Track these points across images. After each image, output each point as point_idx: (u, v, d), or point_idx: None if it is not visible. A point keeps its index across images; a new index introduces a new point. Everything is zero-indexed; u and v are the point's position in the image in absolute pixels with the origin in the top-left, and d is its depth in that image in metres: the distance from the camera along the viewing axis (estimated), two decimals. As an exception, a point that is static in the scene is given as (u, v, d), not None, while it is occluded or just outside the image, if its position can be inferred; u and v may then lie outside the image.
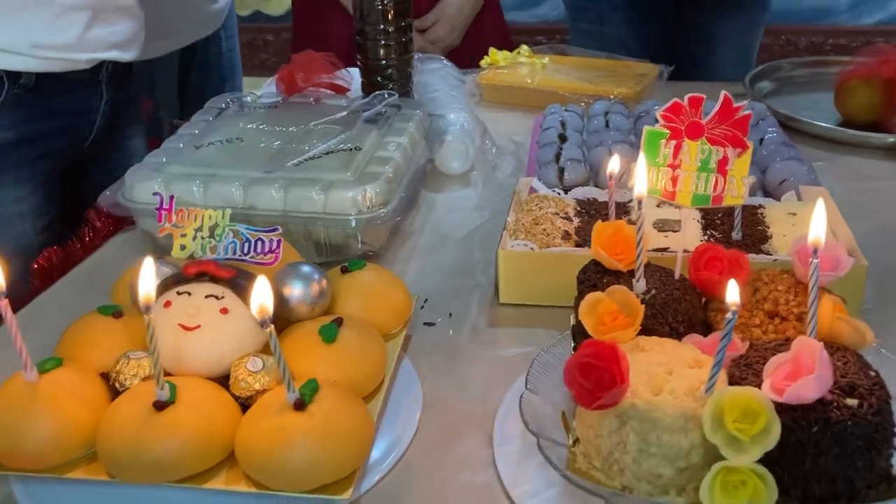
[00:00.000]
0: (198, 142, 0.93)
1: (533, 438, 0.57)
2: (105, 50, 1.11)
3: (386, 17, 1.10)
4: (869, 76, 1.16)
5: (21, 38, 1.04)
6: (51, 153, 1.12)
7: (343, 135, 0.92)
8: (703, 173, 0.60)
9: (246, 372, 0.58)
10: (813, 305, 0.51)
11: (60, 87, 1.08)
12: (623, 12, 1.59)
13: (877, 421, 0.48)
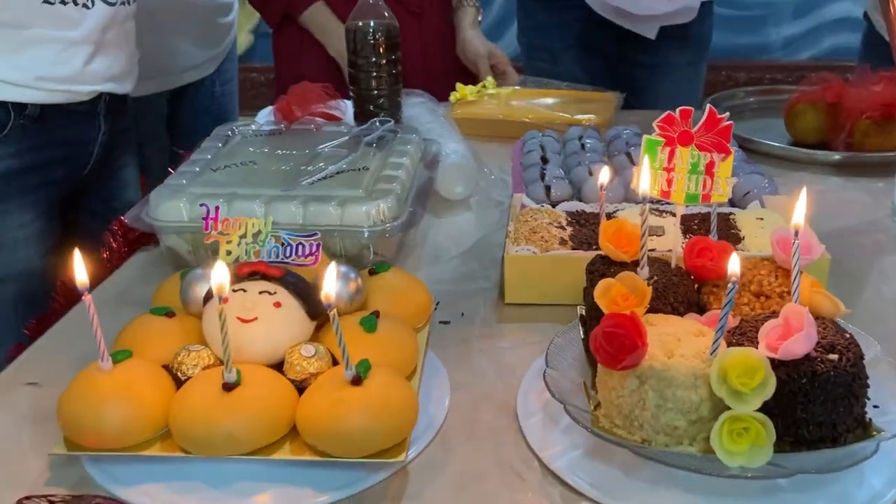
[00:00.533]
0: (213, 165, 0.99)
1: (554, 410, 0.65)
2: (103, 82, 1.18)
3: (377, 51, 1.19)
4: (815, 101, 1.29)
5: (28, 72, 1.11)
6: (52, 181, 1.18)
7: (349, 157, 1.00)
8: (694, 175, 0.70)
9: (300, 357, 0.65)
10: (796, 280, 0.60)
11: (62, 118, 1.15)
12: (574, 51, 1.71)
13: (854, 371, 0.57)
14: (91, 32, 1.14)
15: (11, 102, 1.09)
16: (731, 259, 0.57)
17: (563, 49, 1.78)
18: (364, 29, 1.18)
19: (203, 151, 1.05)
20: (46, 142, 1.15)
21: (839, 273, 0.90)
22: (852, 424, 0.59)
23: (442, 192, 1.11)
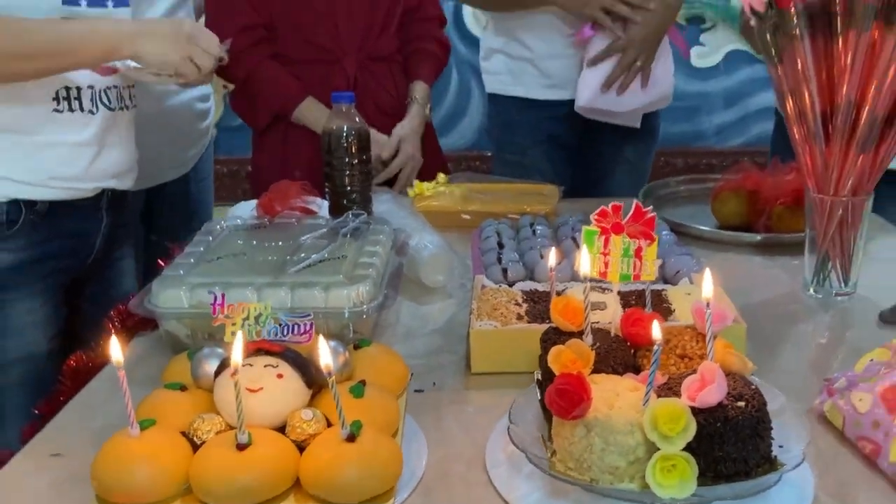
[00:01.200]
0: (207, 257, 1.11)
1: (518, 459, 0.77)
2: (106, 179, 1.31)
3: (350, 152, 1.34)
4: (736, 189, 1.46)
5: (39, 173, 1.24)
6: (59, 270, 1.29)
7: (329, 247, 1.13)
8: (626, 258, 0.84)
9: (301, 420, 0.76)
10: (710, 342, 0.74)
11: (68, 213, 1.28)
12: (543, 145, 1.88)
13: (758, 416, 0.71)
14: (95, 135, 1.28)
15: (23, 200, 1.22)
16: (654, 327, 0.70)
17: (532, 145, 1.92)
18: (338, 133, 1.33)
19: (196, 244, 1.17)
20: (54, 235, 1.27)
21: (759, 338, 1.05)
22: (760, 460, 0.72)
23: (424, 281, 1.24)
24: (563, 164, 1.88)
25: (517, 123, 1.89)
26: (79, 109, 1.26)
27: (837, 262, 1.16)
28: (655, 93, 1.77)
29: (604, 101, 1.74)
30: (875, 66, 1.04)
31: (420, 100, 1.75)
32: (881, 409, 0.78)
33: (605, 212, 0.84)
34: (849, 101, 1.06)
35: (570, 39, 1.75)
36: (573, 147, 1.90)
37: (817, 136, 1.10)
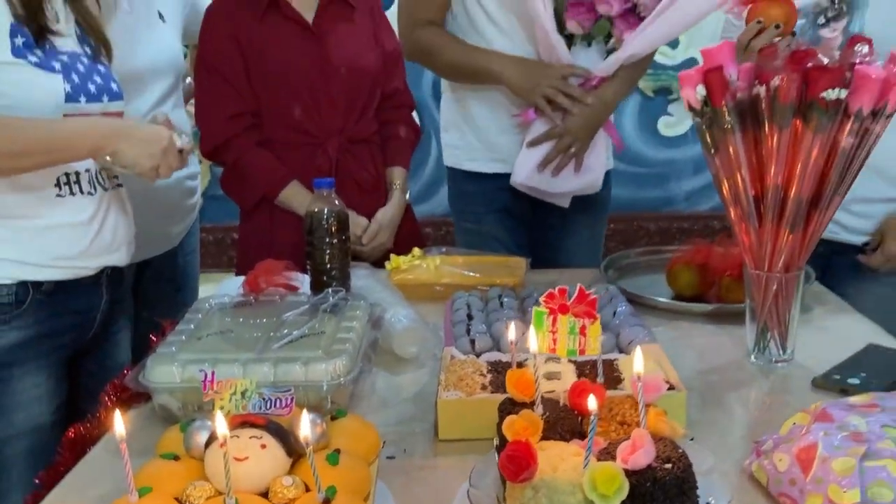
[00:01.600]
0: (197, 334, 1.21)
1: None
2: (107, 255, 1.41)
3: (330, 233, 1.45)
4: (689, 262, 1.58)
5: (44, 254, 1.35)
6: (62, 345, 1.39)
7: (309, 323, 1.24)
8: (572, 335, 0.95)
9: (282, 486, 0.85)
10: (642, 411, 0.84)
11: (72, 291, 1.38)
12: (497, 215, 2.01)
13: (684, 476, 0.81)
14: (95, 214, 1.40)
15: (31, 281, 1.32)
16: (589, 400, 0.81)
17: (486, 213, 2.07)
18: (319, 215, 1.45)
19: (187, 322, 1.27)
20: (58, 312, 1.37)
21: (703, 402, 1.16)
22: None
23: (397, 352, 1.34)
24: (518, 233, 2.01)
25: (472, 194, 2.03)
26: (79, 192, 1.38)
27: (775, 332, 1.27)
28: (587, 179, 1.92)
29: (538, 181, 1.88)
30: (797, 155, 1.16)
31: (400, 185, 1.89)
32: (797, 468, 0.88)
33: (553, 294, 0.95)
34: (776, 186, 1.19)
35: (516, 119, 1.90)
36: (527, 217, 2.03)
37: (751, 217, 1.23)
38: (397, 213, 1.88)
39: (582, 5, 1.82)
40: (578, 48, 1.87)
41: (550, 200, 1.99)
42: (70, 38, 1.38)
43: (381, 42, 1.88)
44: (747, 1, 1.51)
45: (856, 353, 1.28)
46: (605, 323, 1.34)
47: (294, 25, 1.79)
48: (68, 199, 1.36)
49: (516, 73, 1.84)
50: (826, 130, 1.14)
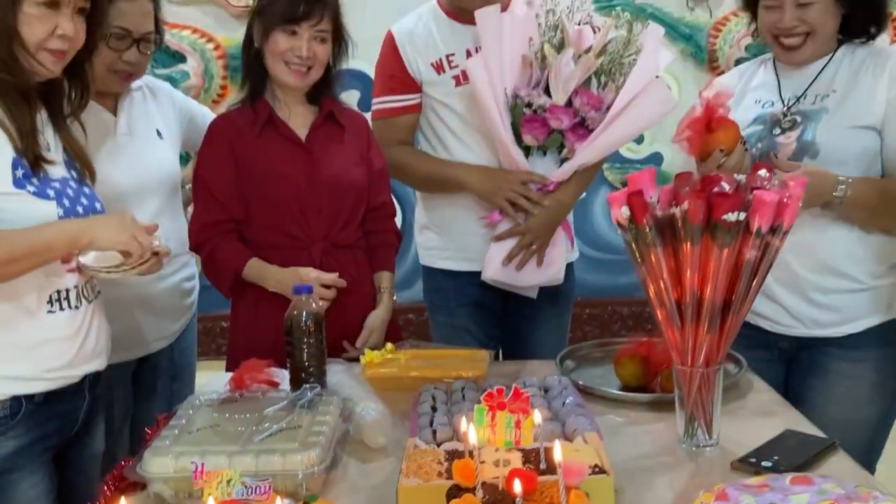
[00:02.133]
0: (188, 429, 1.38)
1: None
2: (90, 363, 1.56)
3: (307, 333, 1.63)
4: (633, 355, 1.76)
5: (36, 369, 1.49)
6: (51, 445, 1.55)
7: (287, 418, 1.41)
8: (508, 429, 1.12)
9: (260, 562, 1.01)
10: (563, 493, 1.01)
11: (59, 397, 1.53)
12: (468, 308, 2.21)
13: (595, 549, 0.97)
14: (80, 327, 1.54)
15: (24, 395, 1.47)
16: (514, 484, 0.98)
17: (458, 307, 2.27)
18: (297, 317, 1.63)
19: (178, 417, 1.44)
20: (48, 417, 1.52)
21: (636, 483, 1.33)
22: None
23: (367, 443, 1.50)
24: (489, 325, 2.21)
25: (445, 290, 2.23)
26: (68, 307, 1.51)
27: (701, 420, 1.45)
28: (549, 272, 2.14)
29: (504, 275, 2.09)
30: (708, 266, 1.36)
31: (388, 289, 2.08)
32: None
33: (492, 394, 1.13)
34: (693, 292, 1.38)
35: (483, 220, 2.11)
36: (498, 310, 2.23)
37: (674, 318, 1.42)
38: (387, 316, 2.06)
39: (536, 121, 2.05)
40: (535, 157, 2.10)
41: (519, 292, 2.19)
42: (60, 165, 1.54)
43: (370, 161, 2.08)
44: (693, 139, 1.75)
45: (773, 437, 1.46)
46: (554, 411, 1.53)
47: (288, 142, 2.00)
48: (58, 315, 1.50)
49: (480, 181, 2.07)
50: (731, 246, 1.34)
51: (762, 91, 1.96)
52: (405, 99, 2.22)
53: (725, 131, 1.78)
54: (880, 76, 1.82)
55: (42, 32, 1.46)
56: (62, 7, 1.48)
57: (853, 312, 1.85)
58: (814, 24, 1.83)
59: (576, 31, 2.05)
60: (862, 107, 1.81)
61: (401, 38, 2.22)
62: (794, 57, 1.89)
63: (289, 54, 1.92)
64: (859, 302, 1.85)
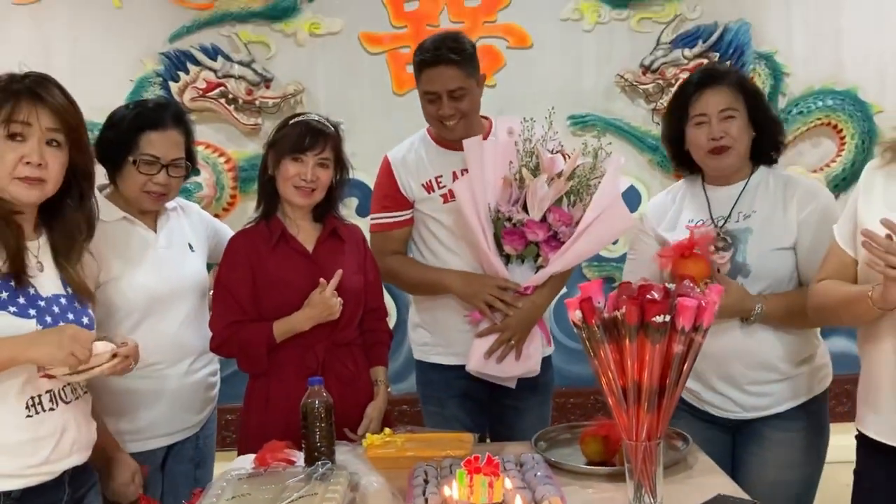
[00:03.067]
0: (224, 497, 1.71)
1: None
2: (67, 459, 1.76)
3: (319, 418, 1.97)
4: (596, 435, 2.10)
5: (13, 466, 1.68)
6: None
7: (305, 488, 1.74)
8: (483, 487, 1.46)
9: None
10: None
11: (37, 492, 1.71)
12: (457, 399, 2.55)
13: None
14: (56, 427, 1.73)
15: (2, 491, 1.64)
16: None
17: (448, 398, 2.61)
18: (311, 404, 1.97)
19: (214, 489, 1.77)
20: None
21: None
22: None
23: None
24: (476, 414, 2.54)
25: (435, 382, 2.59)
26: (42, 410, 1.71)
27: (647, 487, 1.78)
28: (527, 365, 2.50)
29: (486, 367, 2.45)
30: (644, 359, 1.72)
31: (383, 381, 2.43)
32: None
33: (470, 461, 1.47)
34: (634, 380, 1.73)
35: (467, 318, 2.47)
36: (485, 399, 2.57)
37: (621, 402, 1.76)
38: (384, 406, 2.40)
39: (515, 233, 2.44)
40: (514, 264, 2.48)
41: (499, 383, 2.54)
42: (52, 282, 1.77)
43: (366, 271, 2.47)
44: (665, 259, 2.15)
45: (707, 500, 1.78)
46: (527, 482, 1.87)
47: (297, 254, 2.38)
48: (34, 418, 1.70)
49: (462, 285, 2.45)
50: (661, 342, 1.70)
51: (694, 212, 2.37)
52: (399, 215, 2.62)
53: (696, 264, 2.19)
54: (791, 202, 2.24)
55: (9, 162, 1.68)
56: (28, 138, 1.69)
57: (780, 397, 2.24)
58: (735, 137, 2.26)
59: (549, 159, 2.46)
60: (780, 230, 2.24)
61: (395, 163, 2.64)
62: (723, 162, 2.30)
63: (296, 178, 2.32)
64: (785, 388, 2.23)
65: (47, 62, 4.14)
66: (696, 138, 2.32)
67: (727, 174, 2.33)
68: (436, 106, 2.54)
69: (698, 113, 2.28)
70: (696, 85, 2.31)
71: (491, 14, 4.19)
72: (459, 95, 2.52)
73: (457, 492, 1.42)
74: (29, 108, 1.72)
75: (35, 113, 1.72)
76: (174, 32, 4.17)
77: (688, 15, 4.19)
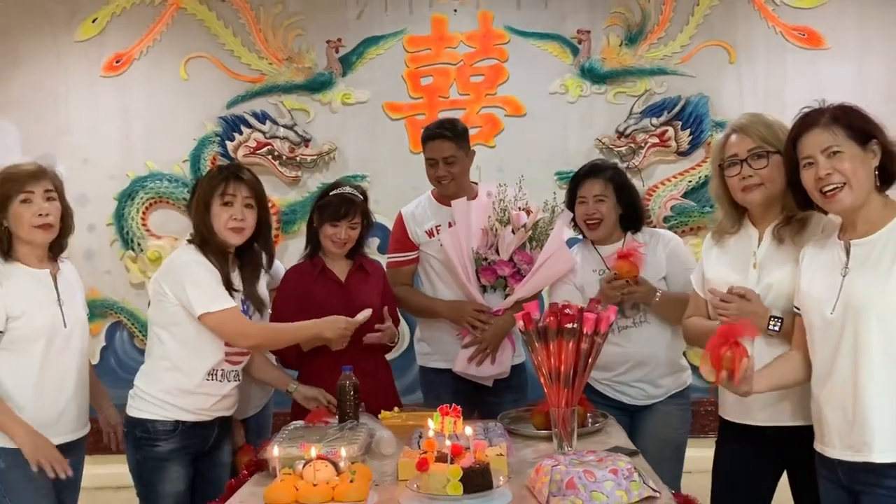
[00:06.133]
0: (288, 437, 2.77)
1: None
2: (220, 412, 3.06)
3: (350, 394, 3.02)
4: (539, 410, 3.13)
5: (191, 407, 2.99)
6: (192, 452, 3.07)
7: (340, 434, 2.79)
8: (448, 423, 2.49)
9: (334, 478, 2.38)
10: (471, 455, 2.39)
11: (199, 426, 3.04)
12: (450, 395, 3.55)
13: (484, 469, 2.33)
14: (220, 392, 3.04)
15: (180, 420, 2.97)
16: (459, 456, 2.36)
17: (443, 393, 3.65)
18: (344, 384, 3.03)
19: (280, 433, 2.83)
20: (190, 436, 3.02)
21: (528, 465, 2.68)
22: None
23: (382, 452, 2.86)
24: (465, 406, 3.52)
25: (434, 382, 3.64)
26: (216, 381, 2.99)
27: (566, 439, 2.81)
28: (499, 368, 3.55)
29: (469, 369, 3.50)
30: (562, 353, 2.76)
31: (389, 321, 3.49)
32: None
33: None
34: (556, 368, 2.78)
35: (457, 335, 3.54)
36: (472, 396, 3.62)
37: (549, 381, 2.80)
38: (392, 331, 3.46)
39: (488, 270, 3.50)
40: (489, 293, 3.54)
41: (480, 382, 3.58)
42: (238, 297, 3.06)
43: (385, 294, 3.54)
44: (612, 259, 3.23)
45: (605, 448, 2.81)
46: (488, 437, 2.91)
47: (334, 283, 3.46)
48: (211, 383, 2.98)
49: (449, 311, 3.53)
50: (572, 342, 2.74)
51: (593, 264, 3.45)
52: (408, 255, 3.70)
53: (626, 264, 3.23)
54: (657, 247, 3.33)
55: (224, 219, 3.01)
56: (234, 203, 3.08)
57: (668, 387, 3.29)
58: (604, 214, 3.37)
59: (515, 215, 3.53)
60: (657, 267, 3.30)
61: (406, 217, 3.73)
62: (594, 232, 3.43)
63: (333, 237, 3.41)
64: (669, 381, 3.29)
65: (126, 123, 5.34)
66: (578, 214, 3.42)
67: (602, 238, 3.44)
68: (434, 169, 3.63)
69: (580, 195, 3.39)
70: (583, 176, 3.46)
71: (492, 88, 5.30)
72: (451, 161, 3.61)
73: (433, 425, 2.45)
74: (236, 185, 3.05)
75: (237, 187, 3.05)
76: (230, 100, 5.32)
77: (655, 90, 5.27)
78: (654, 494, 2.33)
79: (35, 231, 2.85)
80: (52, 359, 2.88)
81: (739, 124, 2.84)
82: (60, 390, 2.91)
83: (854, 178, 2.35)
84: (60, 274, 2.97)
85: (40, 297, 2.87)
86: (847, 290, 2.38)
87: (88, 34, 5.31)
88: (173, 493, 2.96)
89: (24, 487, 2.81)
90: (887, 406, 2.28)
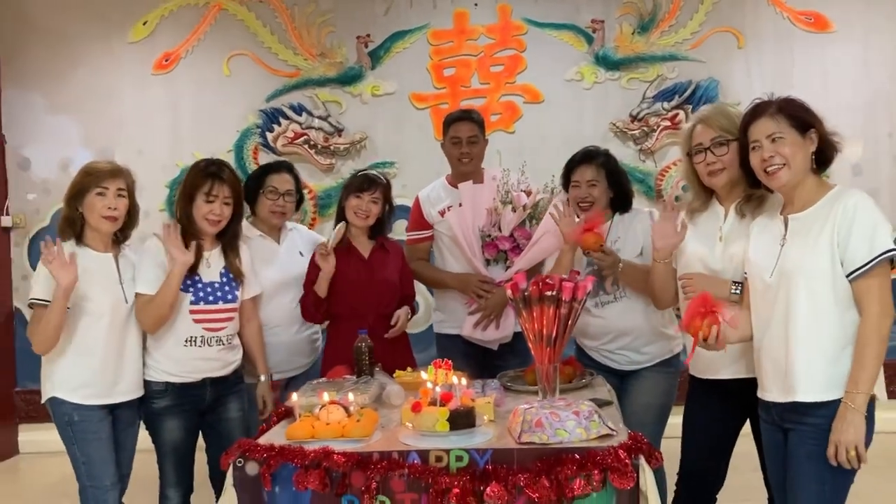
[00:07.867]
0: (311, 388, 3.36)
1: None
2: (207, 373, 3.64)
3: (365, 353, 3.60)
4: (531, 369, 3.67)
5: (177, 370, 3.59)
6: (189, 409, 3.65)
7: (356, 385, 3.36)
8: (441, 373, 3.04)
9: (345, 419, 2.96)
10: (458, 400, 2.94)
11: (187, 387, 3.61)
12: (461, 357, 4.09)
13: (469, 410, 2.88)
14: (202, 356, 3.75)
15: (168, 382, 3.56)
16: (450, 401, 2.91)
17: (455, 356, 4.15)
18: (360, 346, 3.60)
19: (305, 386, 3.42)
20: (182, 395, 3.59)
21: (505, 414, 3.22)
22: None
23: (392, 402, 3.42)
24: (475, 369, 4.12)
25: (447, 347, 4.21)
26: (195, 346, 3.55)
27: (549, 391, 3.34)
28: (502, 333, 4.09)
29: (475, 333, 4.05)
30: (544, 317, 3.28)
31: (406, 307, 4.05)
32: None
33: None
34: (540, 330, 3.30)
35: (466, 304, 4.09)
36: (480, 359, 4.16)
37: (535, 341, 3.33)
38: (406, 315, 4.01)
39: (491, 245, 4.05)
40: (492, 266, 4.09)
41: (485, 345, 4.13)
42: (214, 271, 3.63)
43: (403, 271, 4.11)
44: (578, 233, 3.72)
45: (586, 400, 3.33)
46: (484, 391, 3.46)
47: (358, 259, 4.03)
48: (190, 349, 3.52)
49: (457, 282, 4.08)
50: (553, 307, 3.26)
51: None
52: (424, 233, 4.26)
53: (592, 236, 3.72)
54: (634, 224, 3.80)
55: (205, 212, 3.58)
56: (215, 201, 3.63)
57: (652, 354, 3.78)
58: (595, 197, 3.83)
59: (516, 196, 4.06)
60: (636, 243, 3.78)
61: (422, 199, 4.29)
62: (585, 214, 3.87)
63: (357, 208, 3.98)
64: (653, 349, 3.78)
65: (175, 117, 5.98)
66: (572, 196, 3.90)
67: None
68: (458, 147, 4.19)
69: (574, 180, 3.86)
70: (577, 161, 3.91)
71: (511, 76, 5.81)
72: (474, 141, 4.17)
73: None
74: (219, 186, 3.57)
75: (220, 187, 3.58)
76: (269, 94, 5.92)
77: (667, 75, 5.71)
78: (611, 432, 2.84)
79: (102, 221, 3.45)
80: (115, 330, 3.50)
81: (703, 116, 3.32)
82: (122, 356, 3.53)
83: (793, 160, 2.80)
84: (123, 257, 3.59)
85: (104, 278, 3.51)
86: (783, 258, 2.86)
87: (140, 36, 5.95)
88: (171, 440, 3.54)
89: (92, 439, 3.44)
90: (810, 354, 2.77)
